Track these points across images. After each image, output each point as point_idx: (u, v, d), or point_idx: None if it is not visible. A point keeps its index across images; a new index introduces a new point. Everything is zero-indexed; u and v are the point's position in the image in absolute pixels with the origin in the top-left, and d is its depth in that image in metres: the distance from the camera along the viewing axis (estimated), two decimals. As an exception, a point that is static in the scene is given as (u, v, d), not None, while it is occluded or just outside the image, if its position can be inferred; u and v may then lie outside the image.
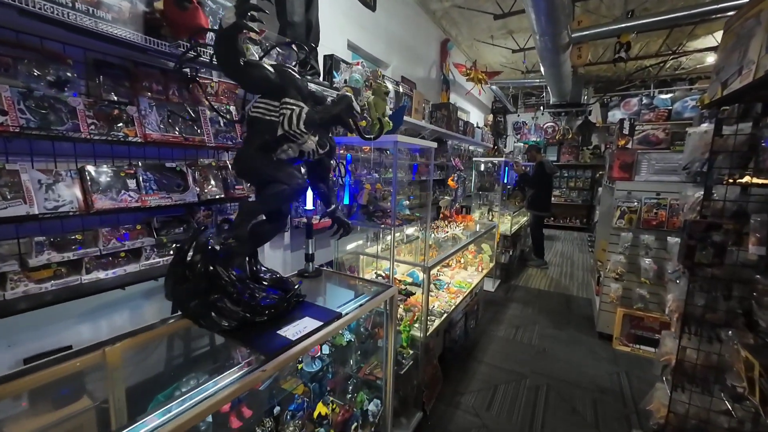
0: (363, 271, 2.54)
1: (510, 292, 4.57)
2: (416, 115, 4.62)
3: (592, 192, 9.31)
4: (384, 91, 1.96)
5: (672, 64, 8.02)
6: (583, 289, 4.74)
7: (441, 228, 3.21)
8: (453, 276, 3.36)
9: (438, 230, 3.10)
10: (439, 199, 6.03)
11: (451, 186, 3.59)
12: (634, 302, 3.07)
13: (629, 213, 3.04)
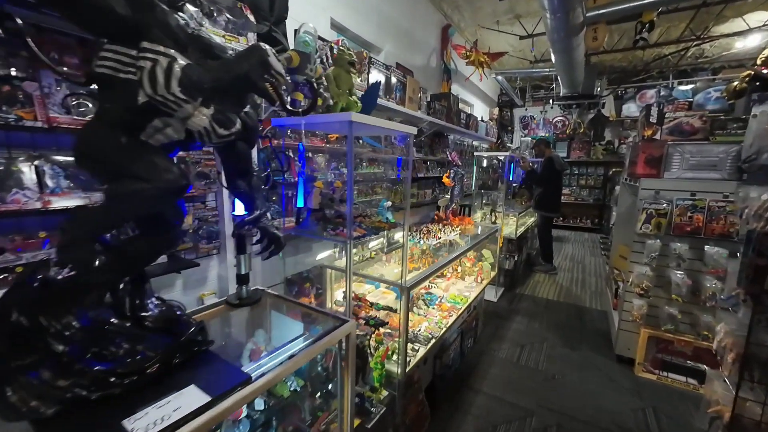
0: (331, 292, 2.09)
1: (515, 303, 4.10)
2: (411, 105, 4.15)
3: (605, 190, 8.75)
4: (348, 60, 1.51)
5: (694, 52, 7.41)
6: (597, 299, 4.24)
7: (433, 233, 2.76)
8: (448, 288, 2.91)
9: (429, 236, 2.64)
10: (438, 198, 5.57)
11: (447, 184, 3.13)
12: (662, 322, 2.58)
13: (657, 216, 2.55)
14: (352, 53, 1.55)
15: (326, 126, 1.71)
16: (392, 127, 1.51)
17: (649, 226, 2.58)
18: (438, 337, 2.12)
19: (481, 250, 3.44)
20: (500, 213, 4.18)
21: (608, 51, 6.88)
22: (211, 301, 2.58)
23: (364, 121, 1.26)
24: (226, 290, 2.54)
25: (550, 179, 4.92)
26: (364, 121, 1.26)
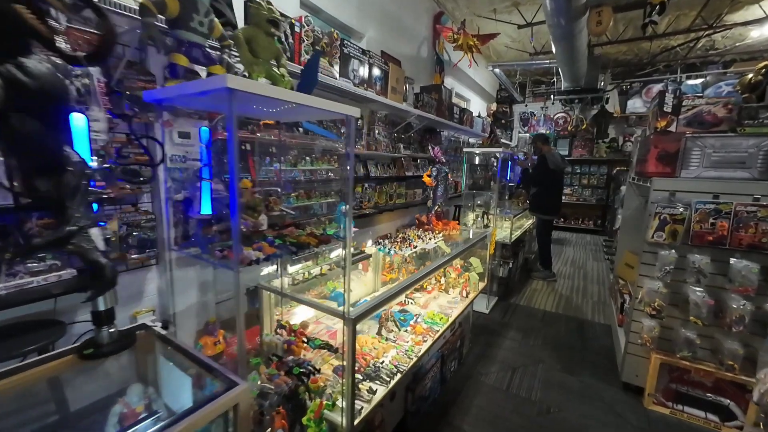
0: (270, 319, 1.69)
1: (508, 315, 3.71)
2: (394, 96, 3.76)
3: (608, 190, 8.32)
4: (266, 17, 1.12)
5: (704, 43, 6.97)
6: (600, 311, 3.84)
7: (410, 240, 2.37)
8: (427, 304, 2.52)
9: (403, 244, 2.25)
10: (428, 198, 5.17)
11: (428, 183, 2.73)
12: (678, 348, 2.19)
13: (672, 223, 2.15)
14: (274, 8, 1.15)
15: (197, 101, 1.27)
16: (318, 105, 1.11)
17: (662, 234, 2.18)
18: (405, 372, 1.73)
19: (469, 258, 3.05)
20: (493, 215, 3.78)
21: (613, 42, 6.46)
22: (148, 320, 2.18)
23: (253, 90, 0.85)
24: (167, 307, 2.17)
25: (544, 179, 4.50)
26: (253, 91, 0.85)
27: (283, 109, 1.22)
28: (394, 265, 2.72)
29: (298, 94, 1.03)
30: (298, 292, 1.68)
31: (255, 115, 1.77)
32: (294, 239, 1.11)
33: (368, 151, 3.87)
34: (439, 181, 2.76)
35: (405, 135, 4.77)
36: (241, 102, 1.01)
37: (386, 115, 4.34)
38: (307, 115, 1.59)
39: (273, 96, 0.90)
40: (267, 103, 1.09)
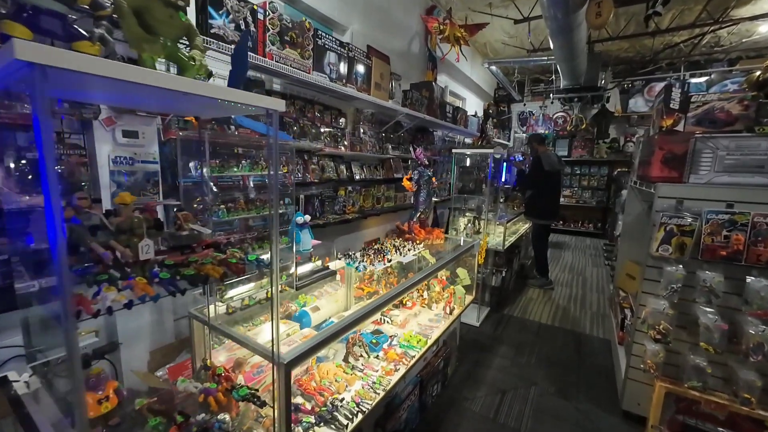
0: (206, 352, 1.44)
1: (500, 328, 3.45)
2: (378, 92, 3.51)
3: (609, 192, 8.07)
4: (165, -19, 0.87)
5: (709, 40, 6.71)
6: (599, 324, 3.59)
7: (383, 253, 2.12)
8: (406, 322, 2.27)
9: (373, 258, 2.00)
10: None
11: (407, 188, 2.48)
12: (686, 376, 1.93)
13: (680, 235, 1.90)
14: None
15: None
16: (221, 95, 0.86)
17: (668, 247, 1.93)
18: (368, 411, 1.48)
19: (456, 269, 2.80)
20: (485, 221, 3.53)
21: (614, 38, 6.20)
22: (90, 342, 1.93)
23: (67, 65, 0.55)
24: (115, 326, 1.94)
25: (538, 181, 4.24)
26: (67, 66, 0.55)
27: (179, 101, 0.98)
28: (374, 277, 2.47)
29: (176, 80, 0.78)
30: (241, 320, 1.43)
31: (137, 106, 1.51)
32: (192, 270, 0.86)
33: (352, 152, 3.63)
34: (421, 185, 2.51)
35: (394, 135, 4.52)
36: (83, 87, 0.76)
37: (372, 113, 4.09)
38: (219, 111, 1.29)
39: (125, 78, 0.64)
40: (142, 92, 0.84)
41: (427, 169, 2.54)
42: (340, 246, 3.89)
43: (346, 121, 3.72)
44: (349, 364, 1.80)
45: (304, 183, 3.11)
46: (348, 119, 3.78)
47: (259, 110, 1.05)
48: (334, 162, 3.57)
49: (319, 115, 3.29)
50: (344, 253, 2.06)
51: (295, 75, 2.47)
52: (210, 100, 0.87)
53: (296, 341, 1.69)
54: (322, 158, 3.40)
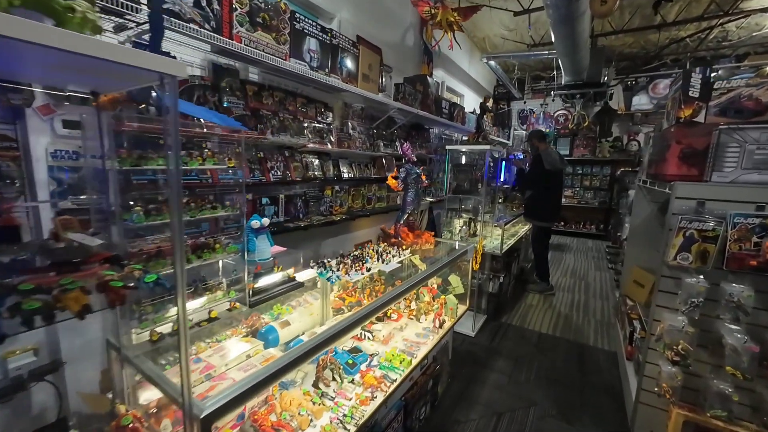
0: (132, 393, 1.18)
1: (498, 338, 3.20)
2: (366, 84, 3.25)
3: (611, 193, 7.82)
4: None
5: (716, 34, 6.46)
6: (604, 334, 3.34)
7: (362, 261, 1.87)
8: (390, 338, 2.02)
9: (348, 267, 1.75)
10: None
11: (393, 187, 2.23)
12: (708, 403, 1.68)
13: (702, 241, 1.65)
14: None
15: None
16: (94, 52, 0.61)
17: (687, 255, 1.68)
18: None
19: (448, 276, 2.55)
20: (481, 223, 3.28)
21: (618, 32, 5.96)
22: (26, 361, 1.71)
23: None
24: (58, 343, 1.70)
25: (539, 181, 3.99)
26: None
27: (56, 68, 0.73)
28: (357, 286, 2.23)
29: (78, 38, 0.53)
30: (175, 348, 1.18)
31: None
32: (37, 303, 0.61)
33: (339, 149, 3.38)
34: (409, 184, 2.26)
35: (386, 131, 4.28)
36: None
37: (362, 108, 3.85)
38: (112, 81, 0.96)
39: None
40: None
41: (415, 167, 2.29)
42: (328, 249, 3.65)
43: (333, 116, 3.48)
44: (319, 391, 1.56)
45: (285, 182, 2.86)
46: (335, 114, 3.54)
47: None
48: (319, 159, 3.33)
49: (303, 109, 3.05)
50: (318, 262, 1.81)
51: (269, 62, 2.22)
52: (84, 61, 0.62)
53: (255, 365, 1.45)
54: (305, 155, 3.16)
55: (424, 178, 2.41)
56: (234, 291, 1.35)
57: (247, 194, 2.57)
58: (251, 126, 2.51)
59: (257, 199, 2.64)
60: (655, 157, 2.23)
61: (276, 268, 1.51)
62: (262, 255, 1.35)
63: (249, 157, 2.61)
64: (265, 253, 1.36)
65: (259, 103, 2.62)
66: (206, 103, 2.21)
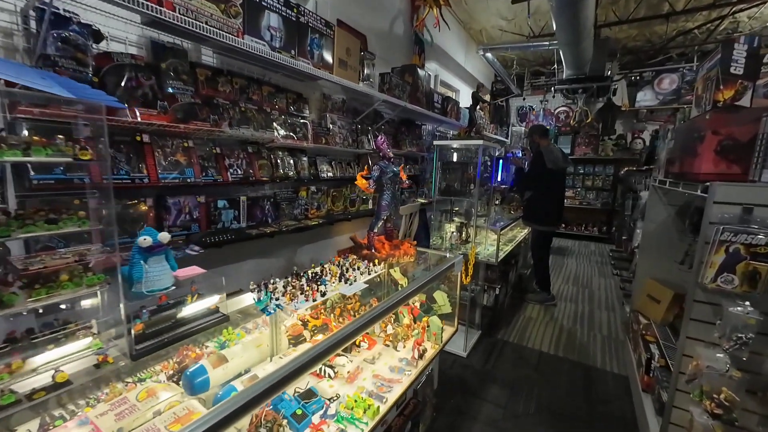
0: None
1: (493, 359, 2.83)
2: (344, 71, 2.88)
3: (614, 193, 7.45)
4: None
5: (726, 26, 6.10)
6: (612, 353, 2.97)
7: (315, 282, 1.50)
8: (357, 374, 1.64)
9: (293, 293, 1.38)
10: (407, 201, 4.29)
11: (362, 188, 1.85)
12: (756, 466, 1.31)
13: (750, 259, 1.28)
14: None
15: None
16: None
17: (731, 277, 1.31)
18: None
19: (434, 293, 2.18)
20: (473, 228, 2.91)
21: (623, 21, 5.59)
22: None
23: None
24: None
25: (540, 180, 3.61)
26: None
27: None
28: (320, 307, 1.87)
29: None
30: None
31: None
32: None
33: (316, 145, 3.01)
34: (385, 184, 1.89)
35: (373, 127, 3.91)
36: None
37: (344, 100, 3.47)
38: None
39: None
40: None
41: (392, 164, 1.92)
42: (304, 257, 3.28)
43: (310, 108, 3.11)
44: (248, 458, 1.18)
45: (248, 182, 2.50)
46: (312, 106, 3.17)
47: None
48: (293, 157, 2.96)
49: (272, 100, 2.68)
50: (259, 284, 1.44)
51: (216, 38, 1.85)
52: None
53: (157, 431, 1.07)
54: (276, 152, 2.79)
55: (405, 177, 2.04)
56: (96, 343, 0.96)
57: (199, 196, 2.21)
58: (202, 116, 2.14)
59: (211, 203, 2.27)
60: (679, 152, 1.86)
61: (190, 297, 1.13)
62: (157, 284, 0.98)
63: (203, 154, 2.25)
64: (163, 281, 0.99)
65: (213, 90, 2.25)
66: (140, 87, 1.84)
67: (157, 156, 1.97)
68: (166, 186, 2.01)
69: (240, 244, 2.46)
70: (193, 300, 1.11)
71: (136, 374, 1.34)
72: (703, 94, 1.59)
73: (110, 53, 1.76)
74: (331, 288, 1.46)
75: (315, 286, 1.42)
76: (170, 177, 1.99)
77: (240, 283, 1.75)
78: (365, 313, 1.46)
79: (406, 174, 2.08)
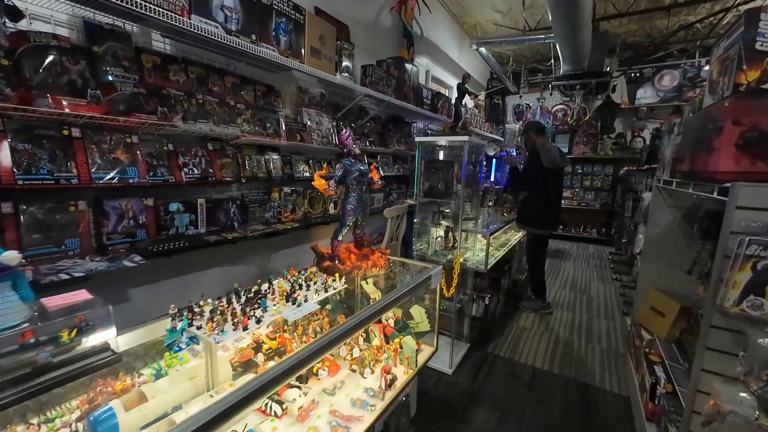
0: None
1: (481, 377, 2.58)
2: (317, 60, 2.62)
3: (614, 193, 7.22)
4: None
5: (730, 19, 5.86)
6: (612, 368, 2.72)
7: (252, 305, 1.25)
8: (310, 410, 1.39)
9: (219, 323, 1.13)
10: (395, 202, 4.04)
11: (321, 189, 1.59)
12: None
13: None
14: None
15: None
16: None
17: (760, 301, 1.06)
18: None
19: (410, 308, 1.93)
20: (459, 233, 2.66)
21: (623, 14, 5.35)
22: None
23: None
24: None
25: (536, 180, 3.37)
26: None
27: None
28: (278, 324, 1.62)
29: None
30: None
31: None
32: None
33: (290, 142, 2.78)
34: (350, 185, 1.64)
35: (356, 124, 3.66)
36: None
37: (323, 94, 3.22)
38: None
39: None
40: None
41: (358, 162, 1.67)
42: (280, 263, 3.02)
43: (284, 103, 2.86)
44: None
45: (207, 182, 2.25)
46: (286, 100, 2.92)
47: None
48: (264, 155, 2.72)
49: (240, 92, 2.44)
50: (177, 310, 1.18)
51: (154, 16, 1.60)
52: None
53: None
54: (242, 149, 2.55)
55: (377, 177, 1.79)
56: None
57: (146, 199, 1.96)
58: (149, 108, 1.90)
59: (161, 206, 2.02)
60: (690, 148, 1.61)
61: (67, 333, 0.87)
62: (5, 320, 0.73)
63: (152, 151, 2.00)
64: (7, 317, 0.74)
65: (163, 79, 2.00)
66: (65, 73, 1.59)
67: (90, 153, 1.72)
68: (102, 187, 1.76)
69: (200, 251, 2.21)
70: (70, 336, 0.85)
71: (44, 413, 1.10)
72: (720, 78, 1.35)
73: (26, 32, 1.51)
74: (273, 311, 1.21)
75: (249, 311, 1.16)
76: (106, 177, 1.74)
77: (202, 294, 1.50)
78: (323, 335, 1.22)
79: (379, 174, 1.82)
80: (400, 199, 4.37)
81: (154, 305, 2.08)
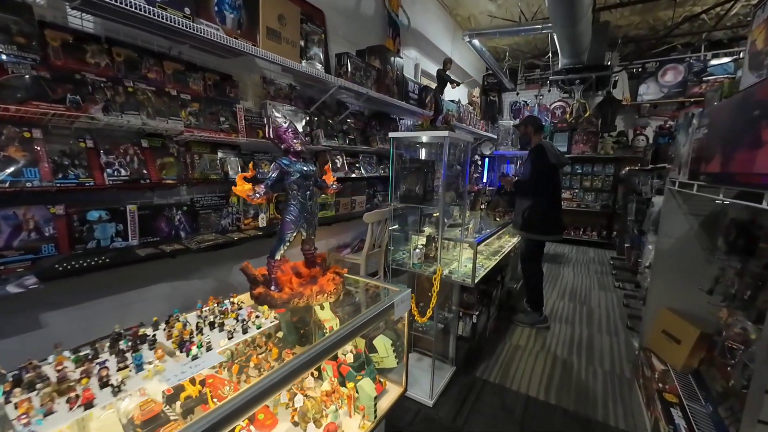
0: None
1: (466, 408, 2.24)
2: (275, 44, 2.24)
3: (615, 194, 6.88)
4: None
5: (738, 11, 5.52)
6: (617, 398, 2.38)
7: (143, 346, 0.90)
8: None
9: (57, 394, 0.78)
10: (378, 205, 3.70)
11: (243, 195, 1.24)
12: None
13: None
14: None
15: None
16: None
17: None
18: None
19: (373, 341, 1.59)
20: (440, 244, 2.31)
21: (624, 3, 5.01)
22: None
23: None
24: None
25: (540, 179, 3.02)
26: None
27: None
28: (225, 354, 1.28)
29: None
30: None
31: None
32: None
33: (251, 139, 2.45)
34: (290, 191, 1.30)
35: (335, 120, 3.32)
36: None
37: (292, 86, 2.88)
38: None
39: None
40: None
41: (301, 162, 1.32)
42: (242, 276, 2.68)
43: (244, 94, 2.53)
44: None
45: (139, 185, 1.91)
46: (247, 91, 2.58)
47: None
48: (220, 153, 2.39)
49: (186, 80, 2.10)
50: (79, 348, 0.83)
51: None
52: None
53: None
54: (190, 147, 2.20)
55: (331, 179, 1.44)
56: None
57: (54, 206, 1.61)
58: (56, 96, 1.56)
59: (76, 215, 1.68)
60: (720, 143, 1.27)
61: None
62: None
63: (65, 149, 1.65)
64: None
65: (77, 61, 1.65)
66: None
67: (-34, 150, 1.38)
68: (-14, 193, 1.42)
69: (135, 266, 1.88)
70: None
71: None
72: (766, 47, 1.01)
73: None
74: (146, 372, 0.86)
75: (124, 362, 0.81)
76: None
77: (147, 314, 1.17)
78: (253, 384, 0.88)
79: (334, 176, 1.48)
80: (385, 201, 4.03)
81: (78, 331, 1.75)
